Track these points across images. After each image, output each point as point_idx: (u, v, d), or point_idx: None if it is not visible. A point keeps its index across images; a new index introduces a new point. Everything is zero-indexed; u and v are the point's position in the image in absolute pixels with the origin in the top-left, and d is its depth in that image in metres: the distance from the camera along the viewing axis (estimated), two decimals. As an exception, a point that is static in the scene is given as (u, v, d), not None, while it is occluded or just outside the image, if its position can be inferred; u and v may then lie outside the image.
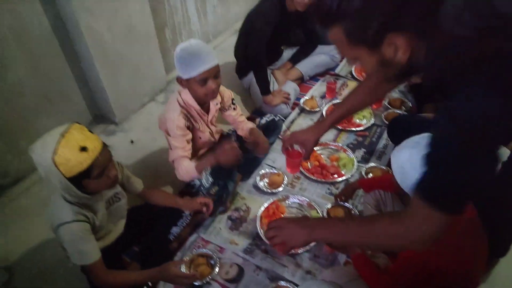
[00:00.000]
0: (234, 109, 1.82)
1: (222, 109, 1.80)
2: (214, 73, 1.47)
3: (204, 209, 1.57)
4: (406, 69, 0.76)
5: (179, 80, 1.51)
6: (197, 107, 1.58)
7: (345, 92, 2.46)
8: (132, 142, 2.00)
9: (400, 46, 0.70)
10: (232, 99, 1.79)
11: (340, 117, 1.41)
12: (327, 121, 1.41)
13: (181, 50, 1.42)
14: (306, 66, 2.53)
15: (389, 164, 1.86)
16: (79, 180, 1.09)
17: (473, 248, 1.10)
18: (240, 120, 1.84)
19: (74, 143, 1.05)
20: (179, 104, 1.54)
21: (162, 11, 2.33)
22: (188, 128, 1.58)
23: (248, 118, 1.97)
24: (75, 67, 1.90)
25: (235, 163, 1.56)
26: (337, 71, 2.65)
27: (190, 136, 1.60)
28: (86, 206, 1.19)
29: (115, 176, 1.19)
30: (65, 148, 1.04)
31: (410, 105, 2.25)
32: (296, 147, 1.54)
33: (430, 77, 0.79)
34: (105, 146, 1.14)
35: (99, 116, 2.13)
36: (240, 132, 1.87)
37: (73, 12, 1.69)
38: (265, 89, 2.18)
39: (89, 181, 1.12)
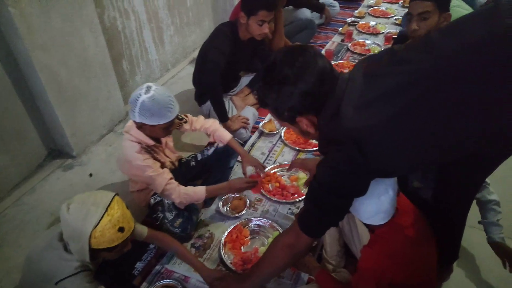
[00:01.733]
0: (185, 122, 1.81)
1: (176, 128, 1.77)
2: (171, 124, 1.53)
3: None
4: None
5: (140, 125, 1.50)
6: (150, 142, 1.59)
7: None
8: (91, 175, 1.98)
9: (305, 123, 1.03)
10: (177, 115, 1.72)
11: None
12: None
13: (151, 101, 1.42)
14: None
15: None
16: (99, 251, 1.13)
17: (425, 256, 1.18)
18: (206, 127, 1.85)
19: (115, 222, 1.11)
20: (135, 142, 1.54)
21: (118, 43, 2.37)
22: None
23: (209, 144, 2.01)
24: (28, 103, 1.88)
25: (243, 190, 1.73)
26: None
27: (159, 164, 1.60)
28: None
29: (128, 250, 1.23)
30: (107, 226, 1.09)
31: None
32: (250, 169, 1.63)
33: (320, 144, 1.12)
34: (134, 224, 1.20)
35: (56, 151, 2.10)
36: (216, 139, 1.87)
37: (26, 49, 1.68)
38: (222, 116, 2.24)
39: (106, 254, 1.16)
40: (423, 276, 1.17)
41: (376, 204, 1.08)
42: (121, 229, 1.11)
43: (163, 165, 1.68)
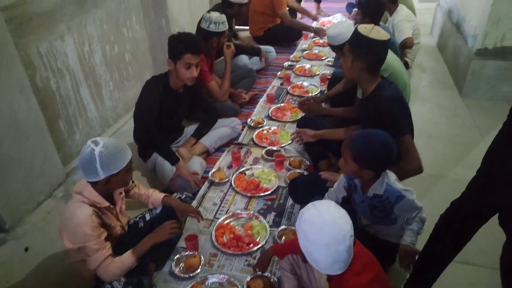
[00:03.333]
0: (136, 185, 1.83)
1: (126, 193, 1.77)
2: (131, 162, 1.54)
3: None
4: None
5: (107, 179, 1.47)
6: (105, 203, 1.53)
7: (250, 159, 2.59)
8: (26, 249, 1.80)
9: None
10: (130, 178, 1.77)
11: None
12: None
13: (106, 148, 1.42)
14: (209, 139, 2.63)
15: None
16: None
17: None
18: (147, 193, 1.86)
19: None
20: (87, 204, 1.47)
21: (53, 103, 2.27)
22: (100, 226, 1.50)
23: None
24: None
25: (172, 236, 1.65)
26: (240, 140, 2.80)
27: (105, 234, 1.52)
28: None
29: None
30: None
31: (308, 163, 2.46)
32: None
33: None
34: None
35: (-16, 226, 1.89)
36: (152, 205, 1.86)
37: None
38: (173, 159, 2.20)
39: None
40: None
41: (333, 255, 1.09)
42: None
43: (113, 230, 1.59)
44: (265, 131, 2.86)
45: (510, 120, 1.21)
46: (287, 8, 4.63)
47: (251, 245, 1.87)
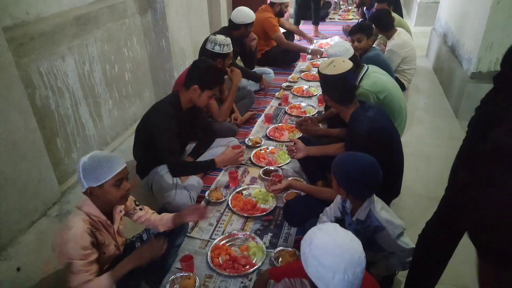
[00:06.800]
0: (141, 209, 1.78)
1: (129, 215, 1.74)
2: (126, 173, 1.52)
3: None
4: None
5: (89, 190, 1.45)
6: (103, 218, 1.52)
7: (247, 179, 2.59)
8: (18, 270, 1.76)
9: None
10: (135, 201, 1.76)
11: None
12: None
13: (90, 159, 1.43)
14: (206, 159, 2.62)
15: (295, 246, 1.95)
16: None
17: None
18: (154, 217, 1.79)
19: None
20: (83, 220, 1.46)
21: (51, 122, 2.27)
22: (92, 244, 1.47)
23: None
24: None
25: (157, 256, 1.55)
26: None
27: (96, 255, 1.48)
28: None
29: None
30: None
31: (305, 183, 2.45)
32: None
33: None
34: None
35: (-24, 246, 1.86)
36: (162, 229, 1.79)
37: None
38: (209, 165, 2.31)
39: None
40: None
41: (351, 279, 1.05)
42: None
43: (106, 248, 1.56)
44: (262, 151, 2.87)
45: (468, 134, 1.26)
46: (285, 31, 4.73)
47: (247, 266, 1.85)
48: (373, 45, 3.24)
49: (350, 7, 7.91)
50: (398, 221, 1.48)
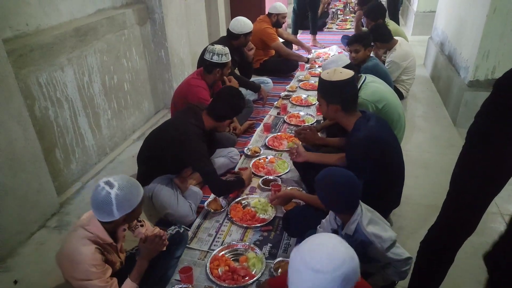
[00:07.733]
0: (142, 225, 1.78)
1: (130, 230, 1.73)
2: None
3: None
4: None
5: (123, 218, 1.47)
6: (109, 239, 1.51)
7: (246, 189, 2.58)
8: (15, 282, 1.75)
9: None
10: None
11: None
12: None
13: (121, 190, 1.42)
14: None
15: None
16: None
17: None
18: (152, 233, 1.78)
19: None
20: (90, 240, 1.45)
21: (50, 133, 2.28)
22: (103, 261, 1.48)
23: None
24: None
25: (162, 248, 1.63)
26: (236, 169, 2.79)
27: (110, 270, 1.49)
28: None
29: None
30: None
31: (304, 192, 2.45)
32: None
33: None
34: None
35: (-26, 258, 1.85)
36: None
37: None
38: (238, 185, 2.45)
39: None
40: None
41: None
42: None
43: (113, 266, 1.57)
44: (261, 160, 2.87)
45: (466, 141, 1.29)
46: (283, 41, 4.76)
47: (247, 277, 1.83)
48: (371, 55, 3.26)
49: (347, 17, 7.98)
50: (387, 233, 1.47)
